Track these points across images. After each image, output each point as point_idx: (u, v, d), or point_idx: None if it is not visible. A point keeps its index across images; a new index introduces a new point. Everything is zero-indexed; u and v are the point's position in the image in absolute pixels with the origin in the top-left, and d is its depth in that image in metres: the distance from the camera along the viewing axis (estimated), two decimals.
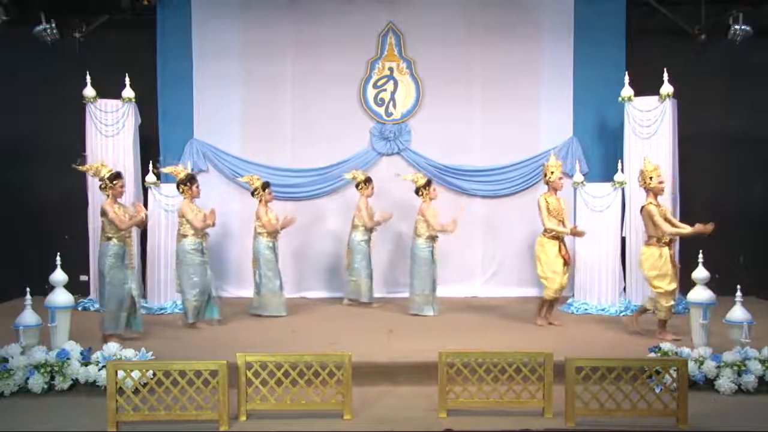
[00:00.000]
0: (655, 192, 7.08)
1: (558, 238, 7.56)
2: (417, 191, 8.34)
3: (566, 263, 7.58)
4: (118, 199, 6.97)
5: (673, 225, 7.06)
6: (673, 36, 9.39)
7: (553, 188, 7.65)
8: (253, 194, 8.25)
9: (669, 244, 7.01)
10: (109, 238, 6.83)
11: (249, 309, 8.24)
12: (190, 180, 7.66)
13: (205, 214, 7.64)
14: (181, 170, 7.79)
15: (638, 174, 7.33)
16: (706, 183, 9.46)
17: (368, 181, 8.80)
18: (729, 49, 9.08)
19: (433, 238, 8.20)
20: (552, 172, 7.64)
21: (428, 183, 8.34)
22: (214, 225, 7.73)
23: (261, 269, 8.13)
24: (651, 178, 7.09)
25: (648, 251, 7.03)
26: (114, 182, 6.90)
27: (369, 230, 8.79)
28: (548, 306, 7.70)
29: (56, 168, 9.24)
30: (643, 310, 7.29)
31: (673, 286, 6.98)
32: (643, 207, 7.13)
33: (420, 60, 9.58)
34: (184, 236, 7.55)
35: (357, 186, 8.81)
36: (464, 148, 9.61)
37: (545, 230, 7.58)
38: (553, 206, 7.56)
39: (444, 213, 8.33)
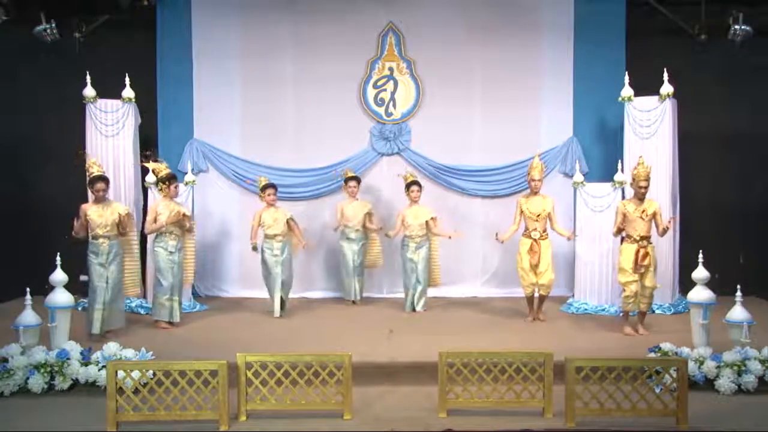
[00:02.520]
0: (634, 191, 7.19)
1: (531, 237, 7.69)
2: (407, 187, 8.57)
3: (533, 264, 7.63)
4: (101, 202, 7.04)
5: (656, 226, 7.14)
6: (673, 36, 9.38)
7: (531, 190, 7.78)
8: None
9: (640, 241, 7.03)
10: (96, 237, 6.87)
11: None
12: (170, 179, 7.60)
13: (180, 212, 7.61)
14: (163, 168, 7.75)
15: None
16: (706, 183, 9.45)
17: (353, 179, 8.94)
18: (729, 49, 9.07)
19: (415, 238, 8.36)
20: (528, 173, 7.78)
21: (411, 184, 8.50)
22: (191, 230, 7.77)
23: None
24: (633, 178, 7.18)
25: (621, 246, 7.26)
26: (93, 185, 6.97)
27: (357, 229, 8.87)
28: (534, 302, 7.83)
29: (56, 168, 9.26)
30: (626, 315, 7.30)
31: (629, 279, 7.04)
32: None
33: (420, 60, 9.56)
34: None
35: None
36: (464, 148, 9.60)
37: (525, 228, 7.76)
38: (528, 207, 7.69)
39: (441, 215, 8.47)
